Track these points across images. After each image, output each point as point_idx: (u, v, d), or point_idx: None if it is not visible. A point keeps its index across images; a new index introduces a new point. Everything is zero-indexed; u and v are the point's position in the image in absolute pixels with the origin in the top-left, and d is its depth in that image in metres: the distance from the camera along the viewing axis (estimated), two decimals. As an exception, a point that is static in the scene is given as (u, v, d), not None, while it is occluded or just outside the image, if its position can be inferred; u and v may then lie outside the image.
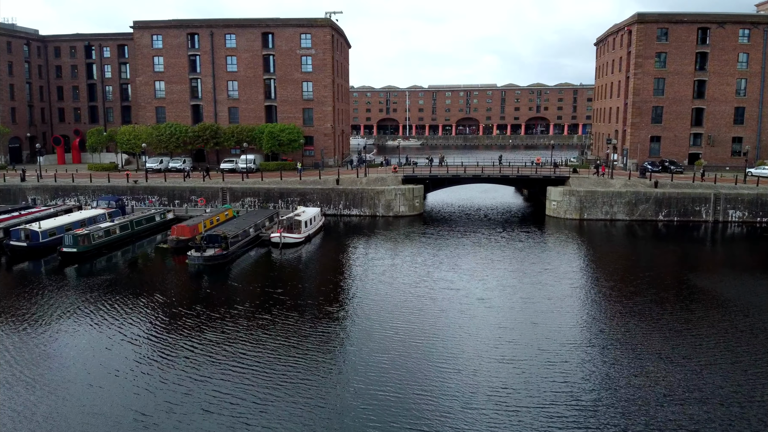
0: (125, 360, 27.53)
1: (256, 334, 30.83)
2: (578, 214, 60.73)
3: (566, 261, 47.47)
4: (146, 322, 32.63)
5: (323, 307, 34.98)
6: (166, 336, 30.61)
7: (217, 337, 30.50)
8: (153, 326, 31.96)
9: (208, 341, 29.97)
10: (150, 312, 34.17)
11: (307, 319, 33.01)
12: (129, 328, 31.58)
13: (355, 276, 41.97)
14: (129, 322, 32.72)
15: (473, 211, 67.45)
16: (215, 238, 43.93)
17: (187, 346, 29.46)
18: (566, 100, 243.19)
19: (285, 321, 32.88)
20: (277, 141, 76.66)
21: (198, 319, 33.01)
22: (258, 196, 63.53)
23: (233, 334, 30.98)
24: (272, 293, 37.69)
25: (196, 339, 30.25)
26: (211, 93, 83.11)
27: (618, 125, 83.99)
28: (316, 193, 62.92)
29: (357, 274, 42.57)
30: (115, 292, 37.96)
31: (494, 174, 64.66)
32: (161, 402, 23.69)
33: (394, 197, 62.27)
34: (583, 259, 49.46)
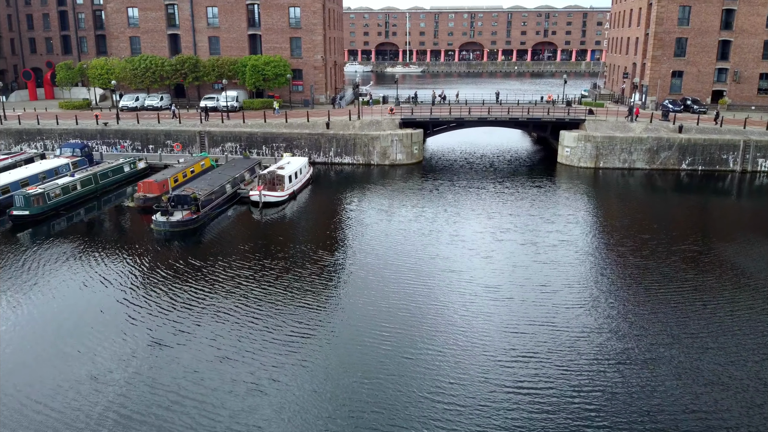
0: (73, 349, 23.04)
1: (227, 317, 26.27)
2: (593, 163, 55.01)
3: (579, 218, 42.87)
4: (98, 306, 27.92)
5: (305, 285, 30.19)
6: (125, 322, 26.00)
7: (185, 321, 26.02)
8: (107, 311, 27.28)
9: (174, 327, 25.49)
10: (103, 294, 29.40)
11: (285, 300, 28.32)
12: (80, 312, 26.94)
13: (345, 244, 36.94)
14: (81, 302, 28.08)
15: (477, 159, 61.53)
16: (184, 198, 38.50)
17: (153, 334, 24.98)
18: (575, 24, 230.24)
19: (260, 299, 28.31)
20: (261, 76, 69.63)
21: (163, 300, 28.33)
22: (239, 141, 57.52)
23: (204, 315, 26.45)
24: (247, 264, 32.85)
25: (163, 325, 25.72)
26: (189, 21, 75.12)
27: (636, 58, 76.51)
28: (303, 139, 56.89)
29: (346, 241, 37.52)
30: (69, 266, 33.02)
31: (502, 116, 58.28)
32: None
33: (390, 144, 56.31)
34: (598, 215, 44.60)
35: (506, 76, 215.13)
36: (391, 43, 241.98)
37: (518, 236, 38.43)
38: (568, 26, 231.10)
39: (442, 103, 72.34)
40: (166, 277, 31.60)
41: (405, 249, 35.82)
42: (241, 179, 46.17)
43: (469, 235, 38.21)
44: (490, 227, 40.12)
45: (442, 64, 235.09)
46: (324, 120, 58.99)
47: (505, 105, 68.70)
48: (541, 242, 37.33)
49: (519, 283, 31.24)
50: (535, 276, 32.03)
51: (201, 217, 38.38)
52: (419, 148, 57.98)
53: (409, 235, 38.21)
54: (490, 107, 60.97)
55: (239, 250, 35.68)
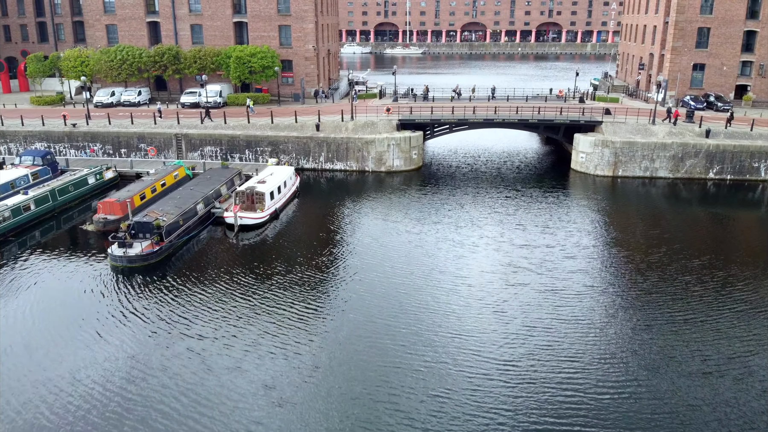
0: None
1: (188, 363, 21.45)
2: (612, 171, 49.72)
3: (596, 236, 38.57)
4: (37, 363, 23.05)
5: (285, 329, 25.29)
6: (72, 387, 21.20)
7: (138, 370, 21.15)
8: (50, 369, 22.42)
9: (127, 378, 20.66)
10: (43, 350, 24.50)
11: (259, 349, 23.45)
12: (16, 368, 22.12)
13: (332, 276, 31.96)
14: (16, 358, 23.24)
15: (482, 164, 55.96)
16: (146, 226, 33.28)
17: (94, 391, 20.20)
18: (581, 4, 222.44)
19: (229, 346, 23.44)
20: (247, 68, 63.96)
21: (113, 343, 23.46)
22: (220, 145, 52.17)
23: (158, 367, 21.60)
24: (214, 305, 27.95)
25: (111, 375, 20.88)
26: (169, 7, 69.17)
27: (654, 48, 70.68)
28: (290, 143, 51.51)
29: (334, 272, 32.52)
30: (4, 312, 28.06)
31: (510, 117, 52.73)
32: None
33: (386, 148, 50.96)
34: (617, 232, 39.82)
35: (509, 58, 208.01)
36: (391, 23, 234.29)
37: (529, 259, 34.56)
38: (574, 6, 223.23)
39: (456, 99, 66.66)
40: (117, 321, 26.70)
41: (404, 283, 30.96)
42: (217, 195, 40.89)
43: (475, 264, 33.67)
44: (499, 250, 35.66)
45: (443, 46, 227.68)
46: (313, 121, 53.56)
47: (513, 102, 63.06)
48: (555, 264, 33.95)
49: (529, 310, 28.67)
50: (547, 302, 29.53)
51: (164, 248, 33.15)
52: (418, 153, 52.63)
53: (408, 263, 33.49)
54: (497, 106, 55.42)
55: (206, 287, 30.66)
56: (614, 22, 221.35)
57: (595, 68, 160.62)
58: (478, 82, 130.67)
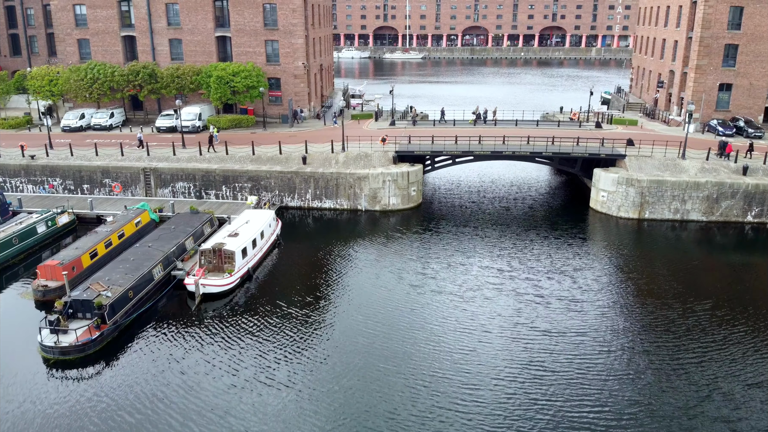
0: None
1: None
2: (637, 212, 43.82)
3: (617, 288, 33.62)
4: None
5: None
6: None
7: None
8: None
9: None
10: None
11: None
12: None
13: (314, 358, 26.15)
14: None
15: (489, 200, 49.80)
16: (86, 305, 27.43)
17: None
18: (586, 8, 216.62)
19: None
20: (229, 88, 58.07)
21: None
22: (193, 180, 46.29)
23: None
24: (170, 410, 22.17)
25: None
26: (146, 20, 63.29)
27: (675, 65, 64.81)
28: (273, 178, 45.63)
29: (315, 352, 26.70)
30: None
31: (521, 150, 46.65)
32: None
33: (381, 185, 45.07)
34: (642, 284, 34.58)
35: (512, 63, 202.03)
36: (390, 27, 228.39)
37: (540, 313, 30.69)
38: (578, 10, 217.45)
39: (479, 123, 61.09)
40: None
41: (401, 360, 25.19)
42: (181, 251, 34.94)
43: (482, 321, 29.40)
44: (507, 306, 30.94)
45: (444, 50, 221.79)
46: (300, 152, 47.71)
47: (523, 127, 57.14)
48: (570, 321, 30.18)
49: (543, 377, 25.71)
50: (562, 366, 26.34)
51: (107, 332, 27.16)
52: (418, 189, 46.72)
53: (408, 329, 28.35)
54: (505, 135, 49.42)
55: (156, 384, 24.80)
56: (620, 26, 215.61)
57: (603, 76, 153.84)
58: (481, 94, 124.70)
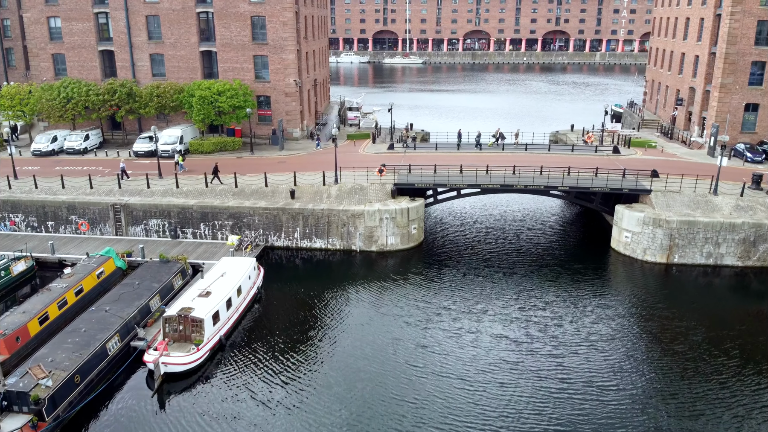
0: None
1: None
2: (665, 256, 39.01)
3: (643, 344, 28.74)
4: None
5: None
6: None
7: None
8: None
9: None
10: None
11: None
12: None
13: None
14: None
15: (497, 237, 44.69)
16: (21, 398, 22.74)
17: None
18: (590, 12, 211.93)
19: None
20: (213, 109, 53.33)
21: None
22: (168, 217, 41.51)
23: None
24: None
25: None
26: (124, 34, 58.56)
27: (696, 82, 60.07)
28: (257, 215, 40.84)
29: None
30: None
31: (535, 184, 41.76)
32: None
33: (378, 223, 40.30)
34: (671, 339, 29.89)
35: (514, 69, 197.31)
36: (390, 31, 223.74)
37: (559, 374, 27.26)
38: (582, 14, 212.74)
39: (497, 145, 56.56)
40: None
41: None
42: (144, 314, 30.13)
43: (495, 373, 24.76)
44: (518, 364, 26.59)
45: (445, 55, 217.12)
46: (288, 184, 42.95)
47: (533, 152, 52.31)
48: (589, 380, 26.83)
49: None
50: None
51: None
52: (419, 227, 41.90)
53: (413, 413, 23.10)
54: (517, 167, 44.59)
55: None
56: (624, 30, 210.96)
57: (610, 83, 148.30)
58: (485, 105, 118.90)
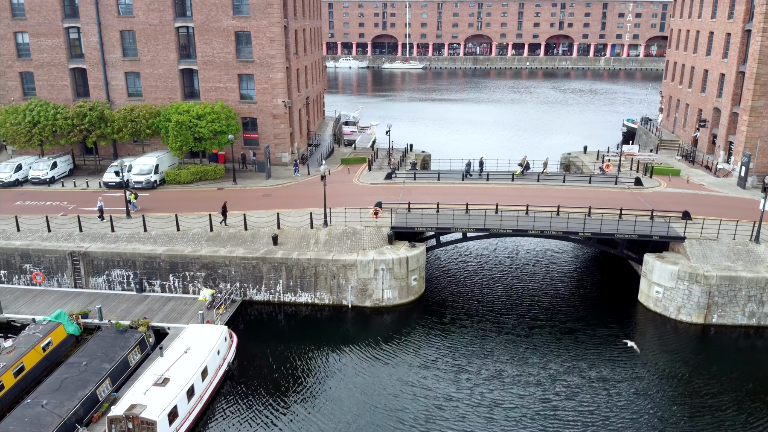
0: None
1: None
2: (702, 316, 33.94)
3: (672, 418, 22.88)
4: None
5: None
6: None
7: None
8: None
9: None
10: None
11: None
12: None
13: None
14: None
15: (508, 288, 39.08)
16: None
17: None
18: (594, 16, 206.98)
19: None
20: (192, 134, 48.31)
21: None
22: (133, 267, 36.46)
23: None
24: None
25: None
26: (97, 50, 53.56)
27: (721, 102, 55.03)
28: (233, 265, 35.77)
29: None
30: None
31: (553, 230, 36.50)
32: None
33: (373, 275, 35.24)
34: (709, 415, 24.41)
35: (516, 74, 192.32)
36: (390, 36, 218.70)
37: None
38: (586, 18, 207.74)
39: (522, 176, 50.48)
40: None
41: None
42: (89, 406, 25.10)
43: None
44: None
45: (446, 59, 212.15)
46: (270, 226, 37.91)
47: (546, 184, 47.13)
48: None
49: None
50: None
51: None
52: (420, 277, 36.83)
53: None
54: (529, 205, 39.44)
55: None
56: (629, 35, 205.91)
57: (618, 90, 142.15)
58: (490, 117, 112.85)
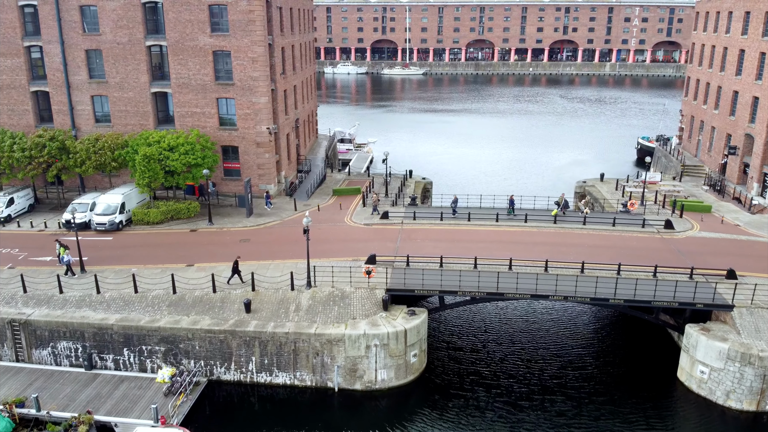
0: None
1: None
2: (755, 402, 28.41)
3: None
4: None
5: None
6: None
7: None
8: None
9: None
10: None
11: None
12: None
13: None
14: None
15: (522, 359, 32.84)
16: None
17: None
18: (599, 20, 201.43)
19: None
20: (163, 168, 42.77)
21: None
22: (82, 339, 30.93)
23: None
24: None
25: None
26: (60, 71, 48.08)
27: (754, 129, 49.47)
28: (198, 339, 30.20)
29: None
30: None
31: (579, 294, 30.76)
32: None
33: (364, 352, 29.69)
34: None
35: (519, 81, 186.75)
36: (389, 41, 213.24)
37: None
38: (591, 22, 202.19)
39: (561, 216, 43.51)
40: None
41: None
42: None
43: None
44: None
45: (447, 65, 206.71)
46: (243, 289, 32.38)
47: (564, 225, 41.43)
48: None
49: None
50: None
51: None
52: (420, 351, 31.23)
53: None
54: (548, 260, 33.87)
55: None
56: (636, 40, 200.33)
57: (628, 99, 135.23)
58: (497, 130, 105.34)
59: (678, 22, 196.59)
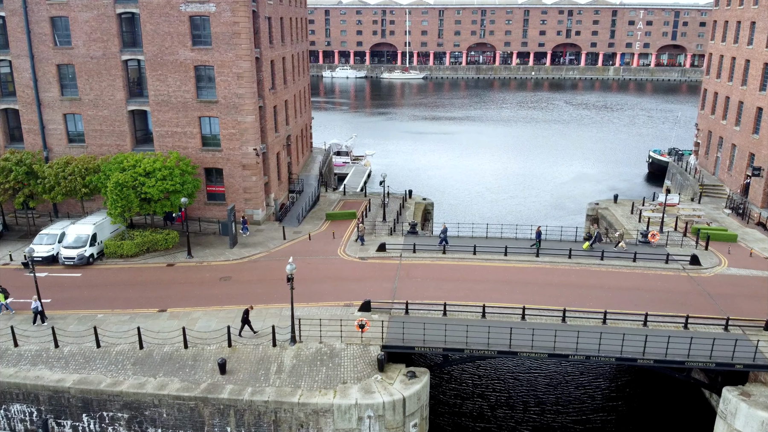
0: None
1: None
2: (807, 485, 24.67)
3: None
4: None
5: None
6: None
7: None
8: None
9: None
10: None
11: None
12: None
13: None
14: None
15: (535, 421, 29.91)
16: None
17: None
18: (603, 23, 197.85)
19: None
20: (138, 195, 38.92)
21: None
22: (37, 403, 27.14)
23: None
24: None
25: None
26: (30, 88, 44.27)
27: (783, 148, 45.67)
28: (165, 407, 26.38)
29: None
30: None
31: (603, 355, 26.91)
32: None
33: (356, 424, 25.84)
34: None
35: (521, 85, 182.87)
36: (389, 44, 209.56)
37: None
38: (595, 25, 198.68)
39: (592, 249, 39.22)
40: None
41: None
42: None
43: None
44: None
45: (448, 69, 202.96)
46: (218, 343, 28.55)
47: (579, 261, 37.51)
48: None
49: None
50: None
51: None
52: (421, 419, 27.35)
53: None
54: (565, 309, 30.01)
55: None
56: (640, 43, 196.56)
57: (636, 105, 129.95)
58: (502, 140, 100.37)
59: (683, 26, 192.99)
